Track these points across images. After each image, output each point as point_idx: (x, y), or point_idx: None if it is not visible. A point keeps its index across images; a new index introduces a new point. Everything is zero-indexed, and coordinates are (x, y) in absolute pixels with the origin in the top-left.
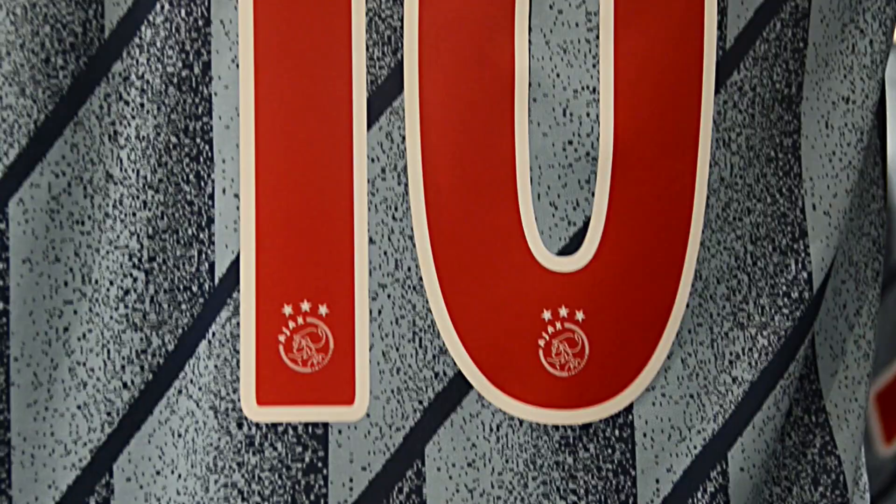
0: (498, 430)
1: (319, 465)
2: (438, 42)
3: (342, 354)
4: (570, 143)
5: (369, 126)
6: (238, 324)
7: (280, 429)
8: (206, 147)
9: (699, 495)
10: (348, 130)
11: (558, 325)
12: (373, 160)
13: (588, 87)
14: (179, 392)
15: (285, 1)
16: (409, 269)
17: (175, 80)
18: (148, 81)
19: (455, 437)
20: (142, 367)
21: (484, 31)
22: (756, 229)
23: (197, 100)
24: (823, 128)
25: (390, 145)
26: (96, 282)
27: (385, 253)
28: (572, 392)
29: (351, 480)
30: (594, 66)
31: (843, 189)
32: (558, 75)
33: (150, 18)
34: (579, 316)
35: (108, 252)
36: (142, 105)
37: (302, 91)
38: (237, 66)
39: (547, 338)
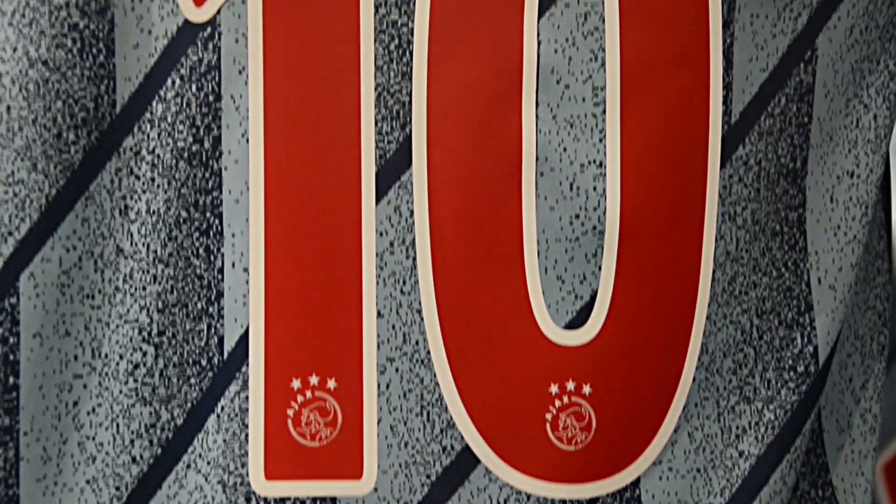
0: None
1: None
2: (446, 117)
3: (350, 428)
4: (577, 216)
5: (378, 200)
6: (247, 398)
7: (288, 503)
8: (216, 221)
9: None
10: (357, 204)
11: (565, 399)
12: (381, 234)
13: (595, 162)
14: (188, 466)
15: (295, 76)
16: (416, 342)
17: (186, 154)
18: (159, 156)
19: None
20: (151, 442)
21: (491, 106)
22: (762, 303)
23: (207, 174)
24: (828, 202)
25: (398, 219)
26: (106, 356)
27: (393, 326)
28: (579, 466)
29: None
30: (601, 140)
31: (848, 263)
32: (565, 149)
33: (162, 94)
34: (586, 390)
35: (117, 326)
36: (152, 179)
37: (311, 165)
38: (247, 140)
39: (554, 411)
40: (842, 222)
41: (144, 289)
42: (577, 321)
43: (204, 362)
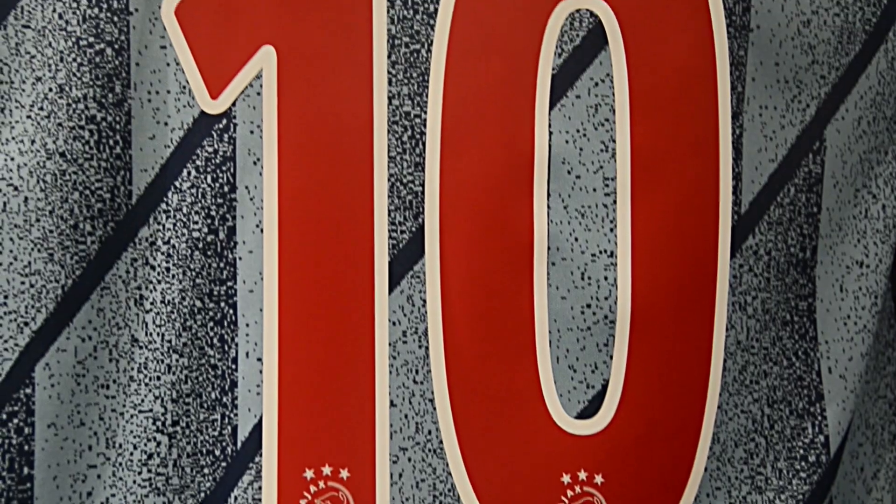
0: None
1: None
2: (459, 207)
3: None
4: (589, 306)
5: (391, 289)
6: (260, 488)
7: None
8: (230, 311)
9: None
10: (370, 294)
11: (577, 489)
12: (394, 323)
13: (606, 251)
14: None
15: (309, 167)
16: (429, 432)
17: (200, 244)
18: (174, 246)
19: None
20: None
21: (503, 196)
22: (773, 392)
23: (222, 264)
24: (838, 291)
25: (411, 308)
26: (120, 446)
27: (406, 416)
28: None
29: None
30: (612, 230)
31: (858, 352)
32: (576, 239)
33: (177, 185)
34: (598, 479)
35: (132, 416)
36: (167, 269)
37: (324, 256)
38: (261, 230)
39: (566, 501)
40: (852, 312)
41: (159, 378)
42: (589, 410)
43: (217, 452)
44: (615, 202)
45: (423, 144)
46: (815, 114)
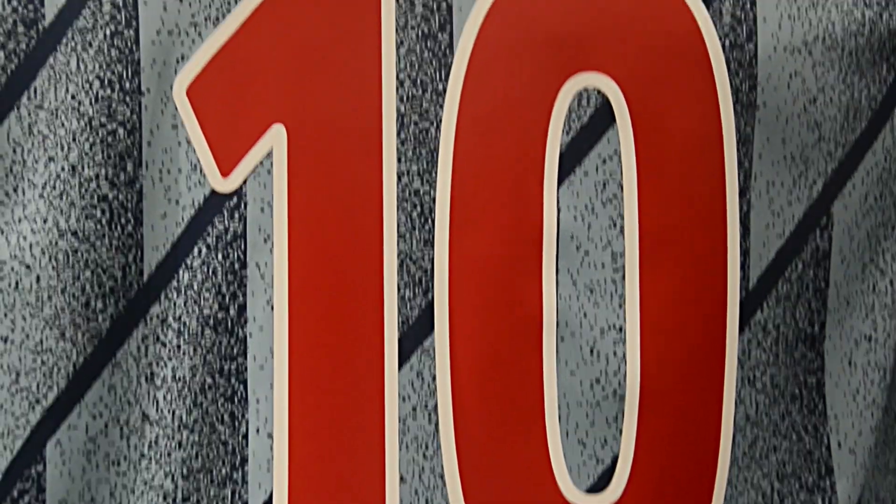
0: None
1: None
2: (468, 282)
3: None
4: (598, 381)
5: (400, 365)
6: None
7: None
8: (241, 387)
9: None
10: (380, 370)
11: None
12: (404, 399)
13: (615, 327)
14: None
15: (319, 244)
16: None
17: (211, 321)
18: (185, 323)
19: None
20: None
21: (512, 272)
22: (782, 467)
23: (232, 341)
24: (847, 366)
25: (421, 384)
26: None
27: (416, 491)
28: None
29: None
30: (620, 305)
31: (867, 427)
32: (585, 315)
33: (188, 262)
34: None
35: (142, 492)
36: (178, 346)
37: (335, 332)
38: (272, 307)
39: None
40: (861, 386)
41: (169, 455)
42: (599, 485)
43: None
44: (624, 278)
45: (433, 221)
46: (822, 190)
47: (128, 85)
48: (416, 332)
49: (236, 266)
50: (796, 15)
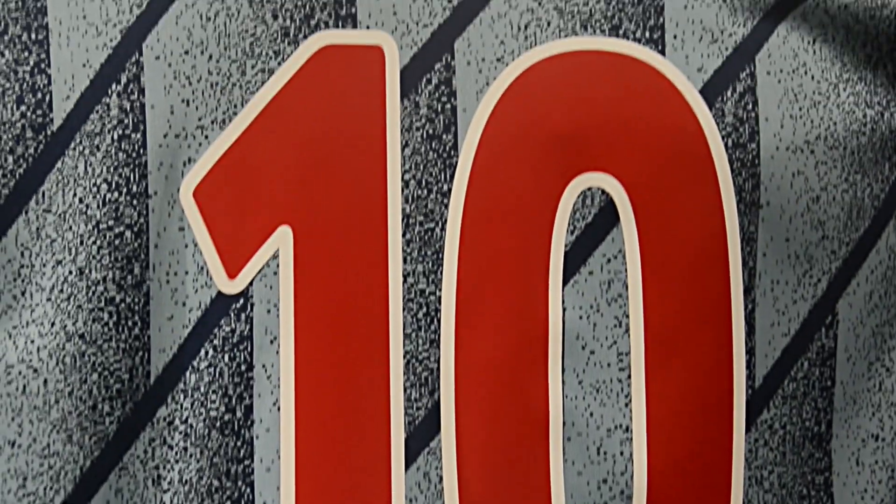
0: None
1: None
2: (474, 383)
3: None
4: (605, 481)
5: (407, 466)
6: None
7: None
8: (248, 490)
9: None
10: (387, 470)
11: None
12: (410, 500)
13: (621, 426)
14: None
15: (325, 345)
16: None
17: (218, 423)
18: (191, 426)
19: None
20: None
21: (518, 372)
22: None
23: (239, 443)
24: (854, 465)
25: (428, 485)
26: None
27: None
28: None
29: None
30: (627, 405)
31: None
32: (591, 414)
33: (195, 364)
34: None
35: None
36: (185, 449)
37: (341, 432)
38: (278, 409)
39: None
40: (868, 485)
41: None
42: None
43: None
44: (630, 377)
45: (438, 321)
46: (826, 288)
47: (135, 188)
48: (422, 433)
49: (243, 368)
50: (798, 114)
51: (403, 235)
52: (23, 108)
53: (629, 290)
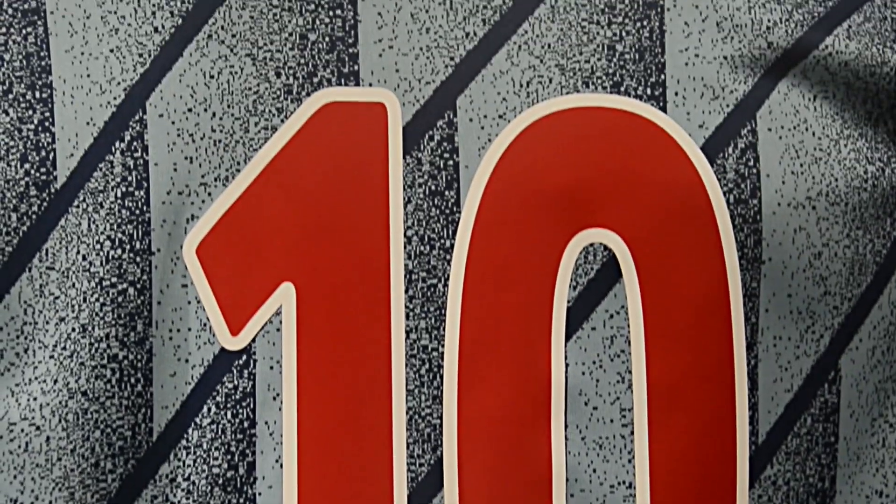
0: None
1: None
2: (477, 439)
3: None
4: None
5: None
6: None
7: None
8: None
9: None
10: None
11: None
12: None
13: (624, 483)
14: None
15: (328, 402)
16: None
17: (220, 480)
18: (194, 483)
19: None
20: None
21: (521, 428)
22: None
23: (241, 500)
24: None
25: None
26: None
27: None
28: None
29: None
30: (630, 461)
31: None
32: (594, 471)
33: (198, 421)
34: None
35: None
36: None
37: (344, 489)
38: (281, 466)
39: None
40: None
41: None
42: None
43: None
44: (633, 433)
45: (441, 377)
46: (829, 344)
47: (138, 245)
48: (425, 490)
49: (245, 424)
50: (800, 171)
51: (406, 291)
52: (27, 166)
53: (632, 345)
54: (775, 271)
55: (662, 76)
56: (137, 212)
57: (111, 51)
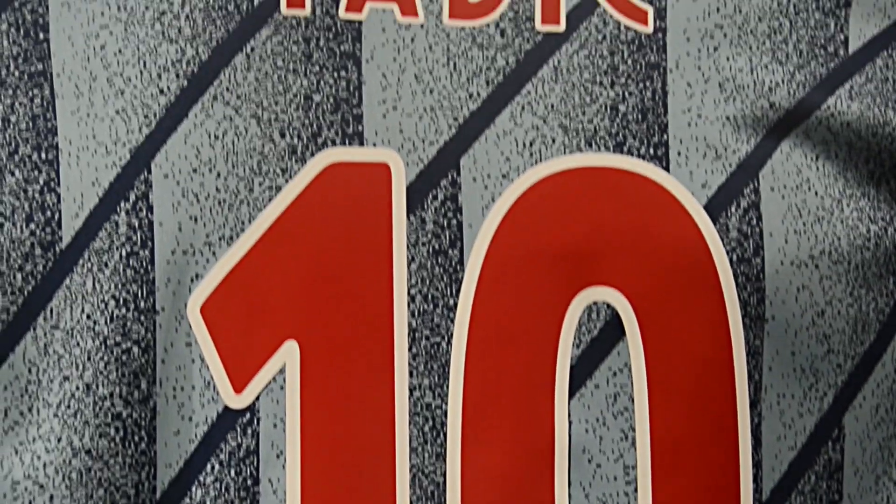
0: None
1: None
2: (481, 496)
3: None
4: None
5: None
6: None
7: None
8: None
9: None
10: None
11: None
12: None
13: None
14: None
15: (332, 460)
16: None
17: None
18: None
19: None
20: None
21: (524, 486)
22: None
23: None
24: None
25: None
26: None
27: None
28: None
29: None
30: None
31: None
32: None
33: (201, 479)
34: None
35: None
36: None
37: None
38: None
39: None
40: None
41: None
42: None
43: None
44: (636, 490)
45: (445, 435)
46: (832, 402)
47: (142, 304)
48: None
49: (249, 482)
50: (802, 230)
51: (410, 349)
52: (32, 226)
53: (635, 403)
54: (778, 329)
55: (665, 136)
56: (142, 271)
57: (117, 112)
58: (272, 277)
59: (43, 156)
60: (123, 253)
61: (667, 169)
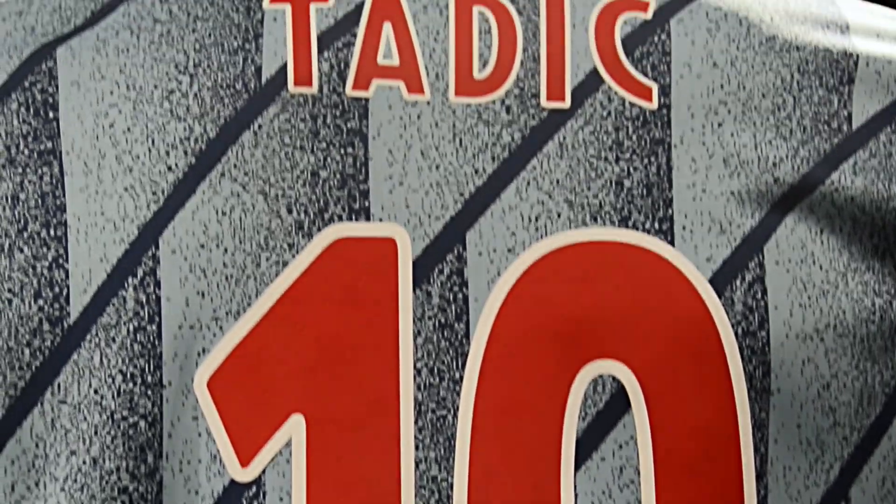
0: None
1: None
2: None
3: None
4: None
5: None
6: None
7: None
8: None
9: None
10: None
11: None
12: None
13: None
14: None
15: None
16: None
17: None
18: None
19: None
20: None
21: None
22: None
23: None
24: None
25: None
26: None
27: None
28: None
29: None
30: None
31: None
32: None
33: None
34: None
35: None
36: None
37: None
38: None
39: None
40: None
41: None
42: None
43: None
44: None
45: None
46: (839, 474)
47: (150, 378)
48: None
49: None
50: (807, 303)
51: (416, 423)
52: (40, 301)
53: (641, 476)
54: (784, 402)
55: (670, 211)
56: (149, 346)
57: (125, 189)
58: (279, 351)
59: (52, 232)
60: (131, 328)
61: (672, 243)
